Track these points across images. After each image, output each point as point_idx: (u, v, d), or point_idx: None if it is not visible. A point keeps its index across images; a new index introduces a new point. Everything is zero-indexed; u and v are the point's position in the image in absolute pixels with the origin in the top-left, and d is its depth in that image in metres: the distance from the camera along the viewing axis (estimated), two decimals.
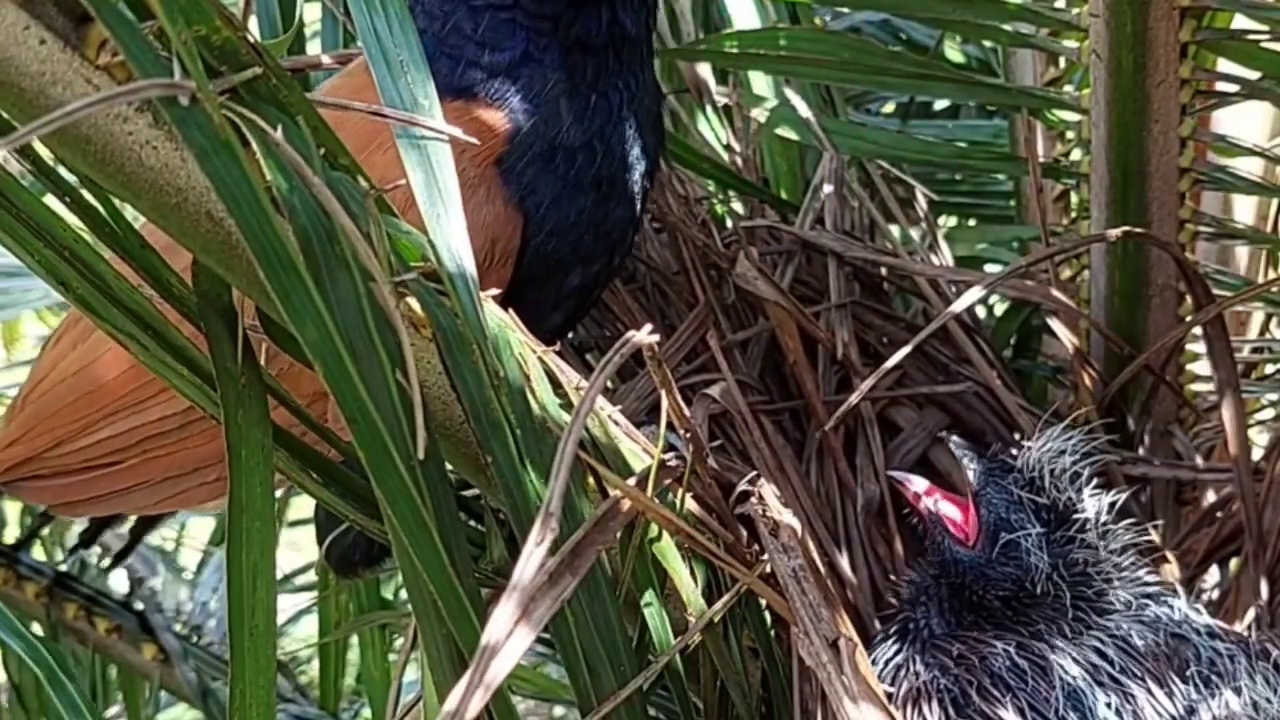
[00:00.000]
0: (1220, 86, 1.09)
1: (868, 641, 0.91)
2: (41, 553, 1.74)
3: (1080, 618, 0.89)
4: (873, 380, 1.03)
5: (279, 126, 0.58)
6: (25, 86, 0.58)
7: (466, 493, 1.00)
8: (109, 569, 1.68)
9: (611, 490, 0.68)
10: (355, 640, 1.63)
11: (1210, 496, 1.14)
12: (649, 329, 0.67)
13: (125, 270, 0.67)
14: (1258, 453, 1.13)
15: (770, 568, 0.74)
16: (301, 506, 1.76)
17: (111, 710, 1.74)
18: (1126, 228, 1.06)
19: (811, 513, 1.07)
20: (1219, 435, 1.14)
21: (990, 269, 1.45)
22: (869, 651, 0.87)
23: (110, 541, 1.63)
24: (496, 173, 0.85)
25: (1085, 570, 0.91)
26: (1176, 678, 0.85)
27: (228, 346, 0.65)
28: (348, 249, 0.58)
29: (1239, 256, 1.38)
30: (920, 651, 0.88)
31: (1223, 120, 1.25)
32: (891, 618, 0.95)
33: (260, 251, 0.57)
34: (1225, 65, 1.09)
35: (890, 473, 1.03)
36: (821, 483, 1.09)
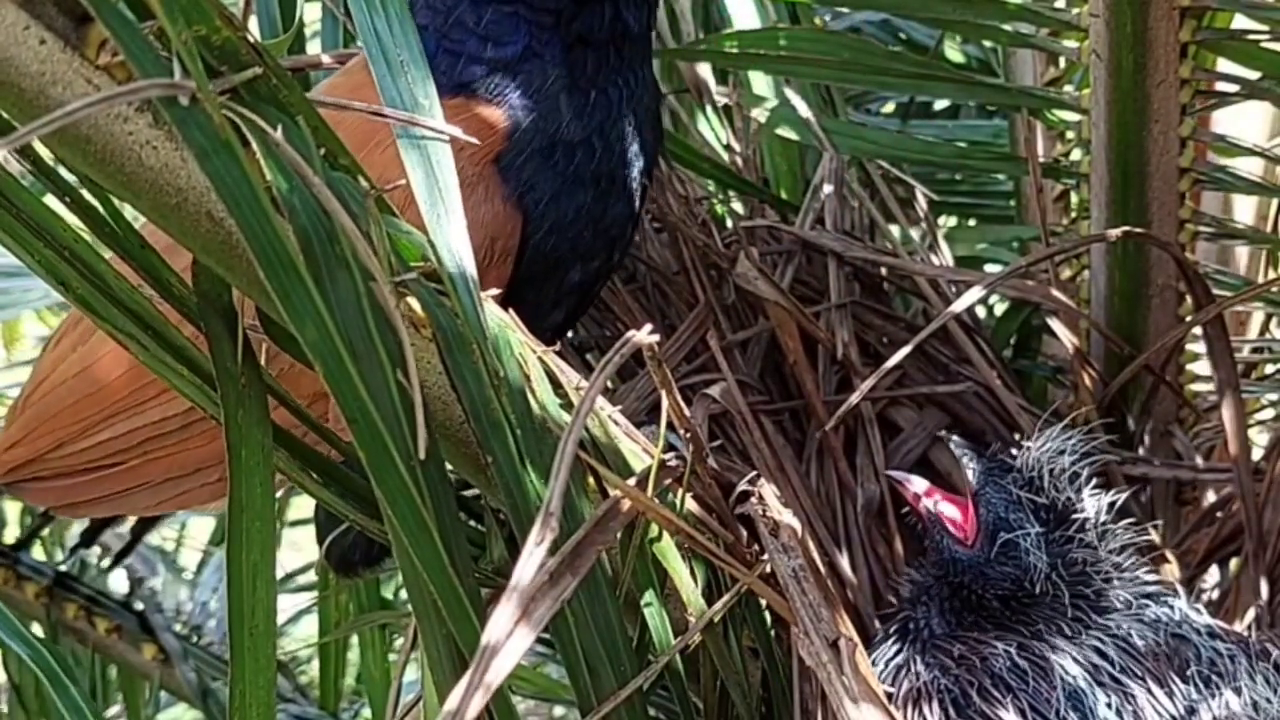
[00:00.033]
0: (1220, 86, 1.09)
1: (868, 641, 0.91)
2: (41, 553, 1.74)
3: (1079, 617, 0.89)
4: (873, 380, 1.03)
5: (279, 126, 0.58)
6: (25, 86, 0.58)
7: (466, 493, 1.00)
8: (109, 569, 1.68)
9: (612, 490, 0.68)
10: (355, 640, 1.63)
11: (1210, 496, 1.14)
12: (649, 329, 0.67)
13: (125, 270, 0.67)
14: (1258, 453, 1.13)
15: (770, 568, 0.74)
16: (301, 506, 1.76)
17: (111, 710, 1.74)
18: (1126, 228, 1.06)
19: (811, 513, 1.07)
20: (1219, 435, 1.14)
21: (990, 269, 1.45)
22: (869, 652, 0.87)
23: (110, 541, 1.63)
24: (495, 170, 0.85)
25: (1084, 570, 0.91)
26: (1177, 678, 0.85)
27: (228, 347, 0.65)
28: (348, 249, 0.58)
29: (1239, 256, 1.38)
30: (921, 652, 0.88)
31: (1223, 120, 1.25)
32: (891, 617, 0.95)
33: (260, 251, 0.57)
34: (1225, 65, 1.09)
35: (890, 472, 1.03)
36: (821, 483, 1.09)
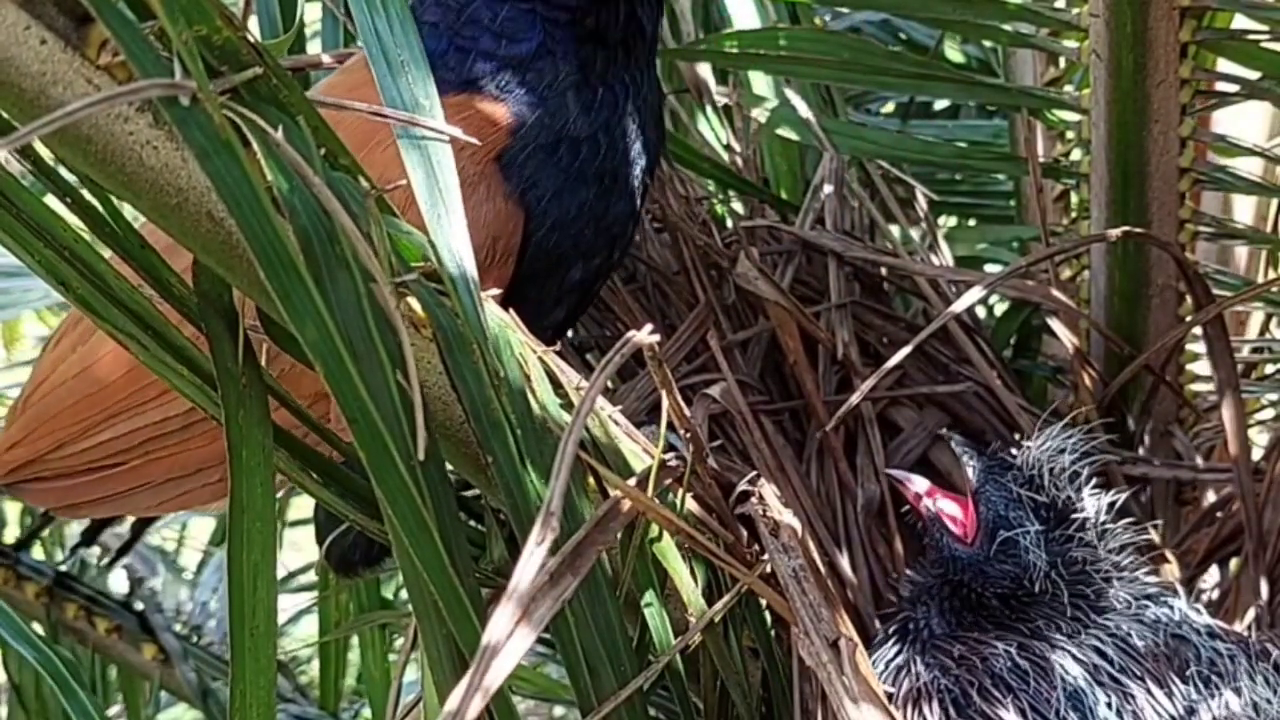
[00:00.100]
0: (1220, 86, 1.09)
1: (868, 642, 0.91)
2: (41, 553, 1.74)
3: (1079, 616, 0.89)
4: (873, 380, 1.03)
5: (279, 126, 0.58)
6: (26, 86, 0.58)
7: (466, 493, 0.99)
8: (109, 569, 1.68)
9: (612, 490, 0.68)
10: (355, 640, 1.63)
11: (1210, 496, 1.14)
12: (649, 329, 0.66)
13: (125, 270, 0.67)
14: (1258, 453, 1.13)
15: (770, 568, 0.74)
16: (301, 506, 1.76)
17: (112, 710, 1.74)
18: (1126, 228, 1.06)
19: (811, 513, 1.07)
20: (1219, 435, 1.14)
21: (990, 269, 1.45)
22: (869, 652, 0.87)
23: (110, 541, 1.63)
24: (497, 169, 0.85)
25: (1084, 569, 0.91)
26: (1176, 678, 0.85)
27: (228, 347, 0.65)
28: (348, 249, 0.58)
29: (1239, 256, 1.38)
30: (921, 652, 0.88)
31: (1223, 120, 1.25)
32: (891, 617, 0.95)
33: (260, 251, 0.57)
34: (1225, 65, 1.09)
35: (890, 472, 1.03)
36: (821, 483, 1.09)
